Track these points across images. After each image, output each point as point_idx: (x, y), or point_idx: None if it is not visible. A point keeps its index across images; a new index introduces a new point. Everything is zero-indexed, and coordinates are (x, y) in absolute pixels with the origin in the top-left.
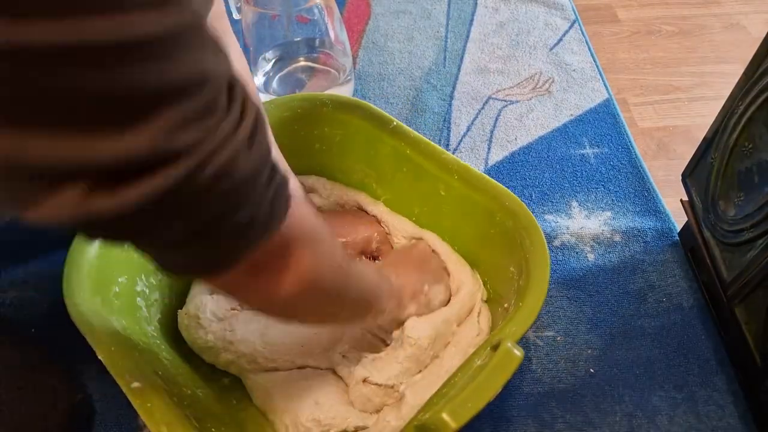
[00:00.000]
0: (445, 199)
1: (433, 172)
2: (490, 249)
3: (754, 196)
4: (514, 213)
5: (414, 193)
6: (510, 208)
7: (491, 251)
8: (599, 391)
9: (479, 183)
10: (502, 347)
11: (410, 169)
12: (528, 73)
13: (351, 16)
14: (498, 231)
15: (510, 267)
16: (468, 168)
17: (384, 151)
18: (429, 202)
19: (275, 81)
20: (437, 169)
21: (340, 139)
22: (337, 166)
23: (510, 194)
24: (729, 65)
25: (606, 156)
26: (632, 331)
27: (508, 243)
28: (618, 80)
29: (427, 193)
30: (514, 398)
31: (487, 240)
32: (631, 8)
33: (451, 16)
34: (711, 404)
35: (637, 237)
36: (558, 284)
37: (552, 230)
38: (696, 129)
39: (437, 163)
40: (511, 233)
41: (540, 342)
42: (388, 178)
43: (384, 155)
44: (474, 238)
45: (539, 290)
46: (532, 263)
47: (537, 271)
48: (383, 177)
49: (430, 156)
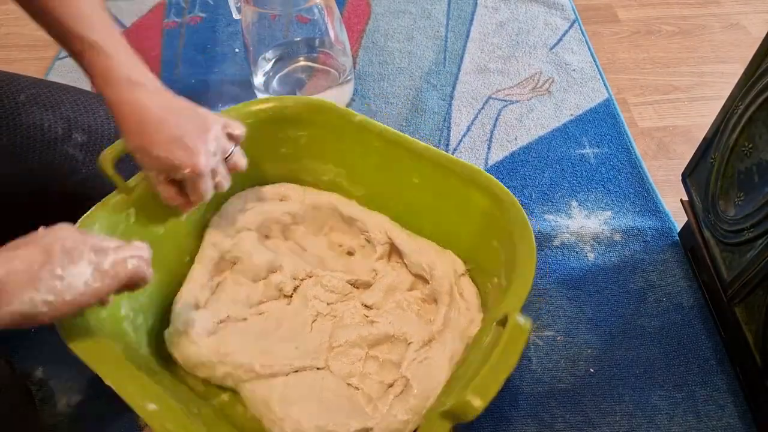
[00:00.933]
0: (419, 186)
1: (405, 161)
2: (470, 226)
3: (754, 196)
4: (490, 190)
5: (387, 185)
6: (486, 186)
7: (471, 228)
8: (599, 391)
9: (452, 165)
10: (511, 321)
11: (381, 161)
12: (528, 73)
13: (351, 16)
14: (476, 209)
15: (492, 241)
16: (439, 152)
17: (351, 147)
18: (403, 191)
19: (275, 81)
20: (408, 157)
21: (305, 141)
22: (307, 168)
23: (483, 173)
24: (729, 65)
25: (606, 156)
26: (632, 330)
27: (487, 219)
28: (618, 80)
29: (401, 183)
30: (514, 398)
31: (466, 218)
32: (631, 8)
33: (451, 16)
34: (711, 404)
35: (636, 237)
36: (558, 284)
37: (552, 230)
38: (696, 129)
39: (407, 151)
40: (489, 210)
41: (540, 342)
42: (359, 174)
43: (352, 151)
44: (453, 219)
45: (529, 259)
46: (516, 236)
47: (522, 242)
48: (354, 174)
49: (400, 145)
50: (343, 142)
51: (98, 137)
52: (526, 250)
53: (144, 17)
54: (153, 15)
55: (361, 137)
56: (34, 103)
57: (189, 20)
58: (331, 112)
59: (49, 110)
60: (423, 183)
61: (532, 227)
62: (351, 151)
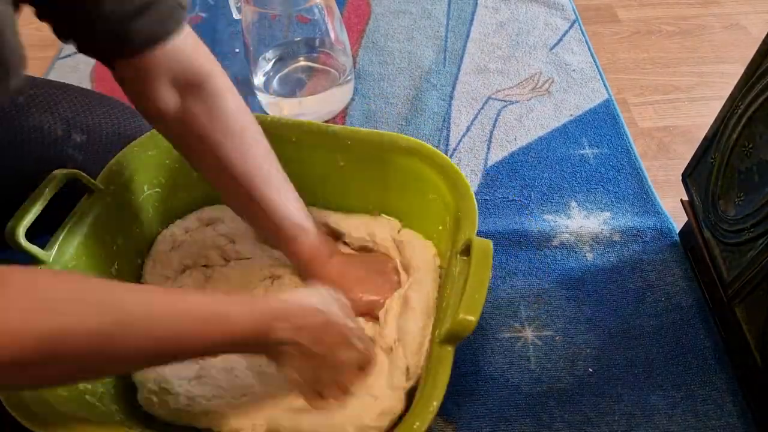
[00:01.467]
0: (345, 168)
1: (326, 147)
2: (401, 191)
3: (754, 196)
4: (412, 150)
5: (311, 176)
6: (406, 147)
7: (403, 191)
8: (598, 391)
9: (370, 137)
10: (474, 243)
11: (301, 155)
12: (528, 73)
13: (351, 16)
14: (402, 171)
15: (428, 195)
16: (354, 129)
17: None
18: (331, 177)
19: (275, 81)
20: (329, 143)
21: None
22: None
23: (402, 137)
24: (729, 65)
25: (605, 156)
26: (631, 330)
27: (414, 176)
28: (618, 80)
29: (327, 170)
30: (513, 398)
31: (395, 183)
32: (631, 8)
33: (452, 16)
34: (710, 403)
35: (636, 237)
36: (557, 284)
37: (551, 230)
38: (696, 129)
39: (327, 137)
40: (414, 166)
41: (539, 342)
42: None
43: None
44: (383, 188)
45: (467, 192)
46: (449, 181)
47: (456, 181)
48: None
49: (318, 133)
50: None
51: (97, 137)
52: (461, 186)
53: None
54: None
55: (276, 136)
56: (33, 105)
57: (189, 20)
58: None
59: (47, 112)
60: (348, 163)
61: (532, 227)
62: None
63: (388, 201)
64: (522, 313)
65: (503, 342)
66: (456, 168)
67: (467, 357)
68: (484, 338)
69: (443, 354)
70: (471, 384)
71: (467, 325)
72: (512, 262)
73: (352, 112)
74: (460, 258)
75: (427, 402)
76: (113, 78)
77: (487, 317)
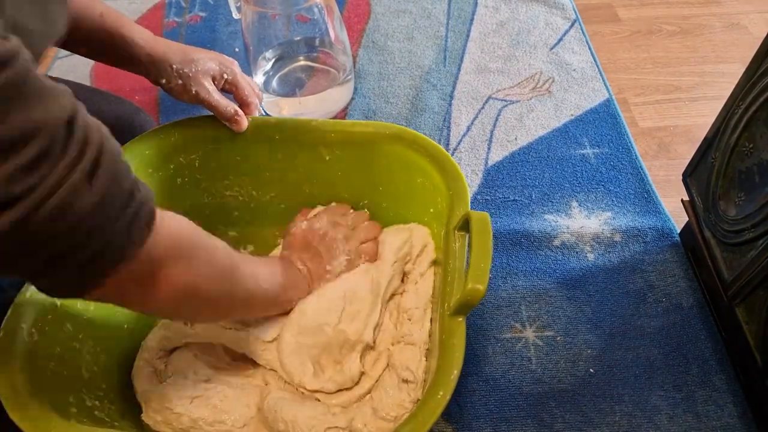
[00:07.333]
0: (331, 161)
1: (309, 142)
2: (389, 179)
3: (754, 196)
4: (396, 136)
5: (297, 173)
6: (390, 134)
7: (391, 180)
8: (599, 391)
9: (352, 128)
10: (473, 216)
11: (286, 153)
12: (528, 73)
13: (351, 16)
14: (387, 158)
15: (416, 179)
16: (336, 121)
17: (251, 150)
18: (318, 173)
19: (275, 80)
20: (310, 138)
21: (200, 162)
22: (209, 191)
23: (387, 124)
24: (729, 65)
25: (606, 156)
26: (632, 331)
27: (401, 162)
28: (618, 80)
29: (313, 165)
30: (513, 398)
31: (383, 171)
32: (631, 8)
33: (452, 16)
34: (710, 404)
35: (636, 237)
36: (558, 284)
37: (552, 230)
38: (696, 129)
39: (307, 132)
40: (400, 152)
41: (540, 342)
42: (265, 175)
43: (252, 154)
44: (371, 178)
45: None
46: (436, 162)
47: (443, 162)
48: (260, 177)
49: (297, 129)
50: (240, 148)
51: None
52: (449, 167)
53: (144, 16)
54: (153, 14)
55: (259, 136)
56: None
57: (189, 20)
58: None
59: None
60: (333, 156)
61: (533, 227)
62: (252, 155)
63: (376, 190)
64: (523, 313)
65: (504, 342)
66: (441, 149)
67: (468, 357)
68: (485, 338)
69: (454, 325)
70: (472, 384)
71: (477, 294)
72: (513, 262)
73: (352, 111)
74: (458, 233)
75: (447, 371)
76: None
77: (488, 317)
